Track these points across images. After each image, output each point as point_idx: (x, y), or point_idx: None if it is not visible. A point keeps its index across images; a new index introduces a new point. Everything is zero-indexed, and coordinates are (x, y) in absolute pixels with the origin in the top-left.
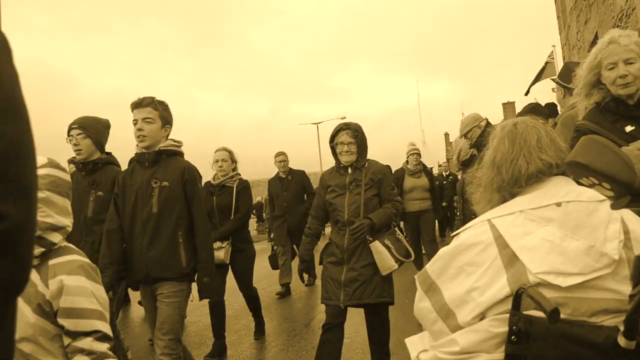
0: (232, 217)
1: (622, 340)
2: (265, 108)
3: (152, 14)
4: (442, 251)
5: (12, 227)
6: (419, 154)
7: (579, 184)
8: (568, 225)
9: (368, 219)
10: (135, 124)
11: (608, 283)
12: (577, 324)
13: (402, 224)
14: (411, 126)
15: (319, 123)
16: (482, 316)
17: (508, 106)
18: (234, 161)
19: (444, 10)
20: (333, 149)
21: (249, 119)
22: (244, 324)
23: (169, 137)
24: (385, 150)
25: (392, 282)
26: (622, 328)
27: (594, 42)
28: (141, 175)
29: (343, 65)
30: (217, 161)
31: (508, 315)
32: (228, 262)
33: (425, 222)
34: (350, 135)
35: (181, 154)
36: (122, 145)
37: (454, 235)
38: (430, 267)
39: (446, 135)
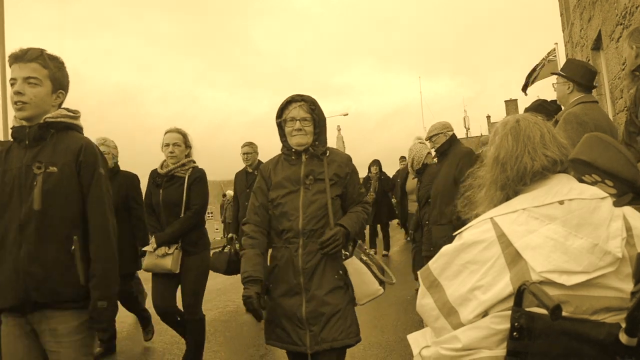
0: (182, 215)
1: (623, 337)
2: (267, 105)
3: (155, 11)
4: (445, 249)
5: None
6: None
7: (582, 181)
8: (571, 223)
9: (341, 227)
10: (12, 85)
11: (611, 281)
12: (579, 321)
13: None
14: (413, 124)
15: None
16: (484, 314)
17: (510, 103)
18: (188, 146)
19: (446, 7)
20: (280, 127)
21: (252, 115)
22: (246, 319)
23: (62, 106)
24: (387, 147)
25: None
26: (623, 325)
27: (597, 40)
28: (19, 158)
29: (346, 63)
30: (167, 145)
31: (510, 312)
32: (177, 271)
33: None
34: (305, 110)
35: (78, 129)
36: (127, 144)
37: (457, 234)
38: (433, 264)
39: None
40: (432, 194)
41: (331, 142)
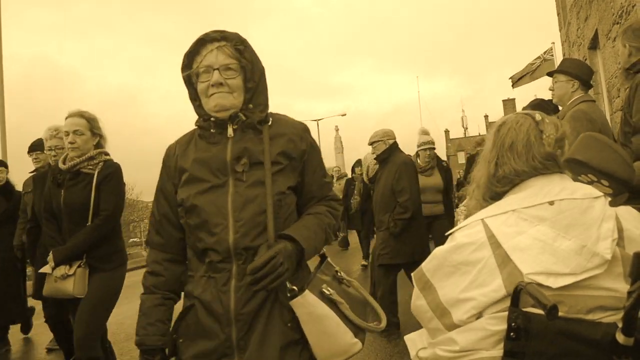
0: (89, 222)
1: (620, 337)
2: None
3: (156, 11)
4: (437, 250)
5: None
6: (432, 148)
7: (579, 181)
8: (561, 224)
9: (287, 240)
10: None
11: (602, 282)
12: (575, 321)
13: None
14: (412, 123)
15: (319, 120)
16: (478, 316)
17: (508, 103)
18: (95, 134)
19: (445, 7)
20: (190, 84)
21: None
22: None
23: None
24: None
25: None
26: (620, 325)
27: (594, 39)
28: None
29: (345, 63)
30: (67, 134)
31: (506, 313)
32: (83, 296)
33: (439, 231)
34: (228, 53)
35: None
36: (127, 144)
37: (449, 235)
38: (426, 265)
39: (446, 132)
40: (373, 202)
41: (329, 141)
